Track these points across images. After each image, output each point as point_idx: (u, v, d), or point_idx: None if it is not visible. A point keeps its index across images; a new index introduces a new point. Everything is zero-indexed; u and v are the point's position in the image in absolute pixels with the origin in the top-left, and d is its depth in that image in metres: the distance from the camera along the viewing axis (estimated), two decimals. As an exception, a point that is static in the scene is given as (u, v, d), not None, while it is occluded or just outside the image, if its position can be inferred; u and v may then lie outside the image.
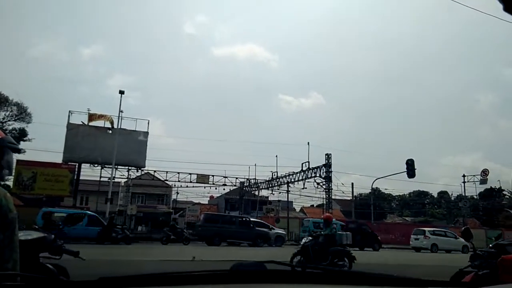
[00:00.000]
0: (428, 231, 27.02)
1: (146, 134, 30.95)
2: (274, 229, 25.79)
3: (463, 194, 41.67)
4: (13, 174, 26.07)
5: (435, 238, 26.46)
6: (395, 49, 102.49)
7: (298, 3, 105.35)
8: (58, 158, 29.27)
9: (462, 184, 40.03)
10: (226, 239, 23.21)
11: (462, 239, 22.39)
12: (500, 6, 0.87)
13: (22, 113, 36.58)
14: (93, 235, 21.59)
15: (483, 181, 38.93)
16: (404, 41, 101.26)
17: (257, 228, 24.50)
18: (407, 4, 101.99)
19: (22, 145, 36.64)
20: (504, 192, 54.30)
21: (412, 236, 27.41)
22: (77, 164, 29.22)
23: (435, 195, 71.25)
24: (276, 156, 38.26)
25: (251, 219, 26.69)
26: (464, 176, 40.06)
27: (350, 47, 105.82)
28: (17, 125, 36.83)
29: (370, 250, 24.51)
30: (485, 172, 38.55)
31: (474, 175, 39.55)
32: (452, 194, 61.45)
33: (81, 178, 30.22)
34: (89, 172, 35.31)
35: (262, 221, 26.30)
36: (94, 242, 21.02)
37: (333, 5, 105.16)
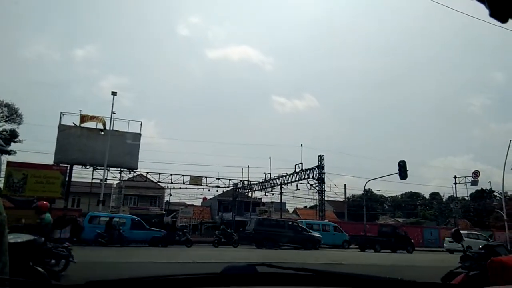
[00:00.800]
0: (462, 234, 27.61)
1: (138, 135, 30.80)
2: (310, 232, 26.52)
3: (455, 196, 42.06)
4: (2, 175, 25.88)
5: (468, 240, 27.08)
6: (388, 53, 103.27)
7: (293, 6, 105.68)
8: (50, 160, 29.07)
9: (454, 186, 40.42)
10: (277, 242, 24.21)
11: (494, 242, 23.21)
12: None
13: (13, 114, 36.18)
14: (140, 238, 22.96)
15: (474, 183, 39.28)
16: (396, 44, 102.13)
17: (304, 232, 25.64)
18: (400, 9, 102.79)
19: (13, 146, 36.28)
20: (495, 194, 54.81)
21: (446, 239, 28.35)
22: (68, 165, 28.98)
23: (427, 197, 71.82)
24: (270, 157, 38.37)
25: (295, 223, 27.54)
26: (455, 177, 40.45)
27: (344, 50, 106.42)
28: (8, 126, 36.43)
29: (404, 252, 25.37)
30: (476, 174, 38.89)
31: (465, 177, 39.93)
32: (443, 196, 62.06)
33: (72, 179, 29.98)
34: (81, 174, 35.13)
35: (302, 225, 27.03)
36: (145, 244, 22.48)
37: (328, 9, 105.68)
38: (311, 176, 33.57)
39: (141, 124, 31.30)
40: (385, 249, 26.09)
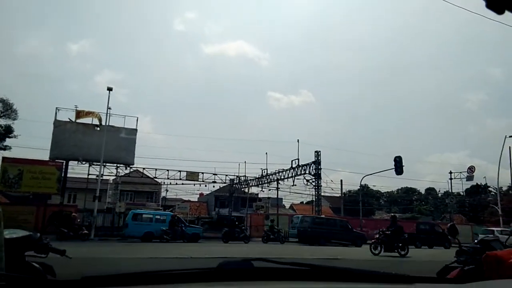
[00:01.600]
0: (496, 230, 28.15)
1: (134, 131, 30.66)
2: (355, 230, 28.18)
3: (450, 191, 42.30)
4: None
5: (501, 237, 27.47)
6: (385, 49, 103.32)
7: (289, 1, 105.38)
8: (45, 155, 28.90)
9: (449, 181, 40.62)
10: (330, 240, 25.53)
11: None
12: (484, 3, 0.87)
13: (7, 110, 35.92)
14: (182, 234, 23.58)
15: (470, 178, 39.52)
16: (393, 41, 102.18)
17: (353, 230, 27.25)
18: (396, 5, 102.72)
19: (8, 142, 36.11)
20: (490, 189, 55.16)
21: (480, 235, 28.88)
22: (64, 161, 28.85)
23: (423, 192, 72.19)
24: (266, 153, 38.43)
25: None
26: (451, 173, 40.66)
27: (341, 46, 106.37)
28: (3, 121, 36.15)
29: (442, 248, 26.18)
30: (471, 169, 39.11)
31: (460, 172, 40.16)
32: (439, 191, 62.34)
33: (68, 175, 29.85)
34: (76, 170, 34.96)
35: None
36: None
37: (325, 4, 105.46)
38: (307, 172, 33.61)
39: (137, 120, 31.06)
40: (424, 245, 27.46)
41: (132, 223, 23.69)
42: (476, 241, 4.39)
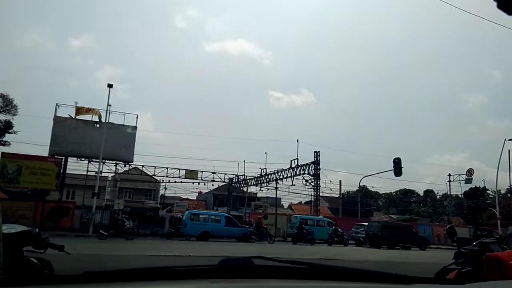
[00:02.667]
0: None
1: (134, 128, 30.65)
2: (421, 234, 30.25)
3: (449, 193, 42.32)
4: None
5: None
6: (385, 50, 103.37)
7: (292, 1, 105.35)
8: (44, 151, 28.89)
9: (448, 183, 40.65)
10: (398, 243, 27.10)
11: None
12: (493, 6, 0.87)
13: (7, 105, 35.86)
14: (234, 234, 25.28)
15: (468, 181, 39.53)
16: (394, 42, 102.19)
17: (418, 234, 28.91)
18: (398, 5, 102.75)
19: (7, 137, 36.04)
20: (488, 192, 55.26)
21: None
22: (63, 157, 28.84)
23: (421, 194, 72.28)
24: (266, 152, 38.44)
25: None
26: (449, 175, 40.68)
27: (342, 46, 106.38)
28: (2, 117, 36.08)
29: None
30: (470, 172, 39.14)
31: (459, 175, 40.19)
32: (437, 193, 62.50)
33: (67, 172, 29.84)
34: (75, 166, 34.93)
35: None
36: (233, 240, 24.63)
37: (327, 4, 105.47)
38: (306, 172, 33.67)
39: (137, 117, 31.05)
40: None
41: (190, 223, 24.89)
42: (474, 243, 4.40)
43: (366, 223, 30.73)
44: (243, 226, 26.72)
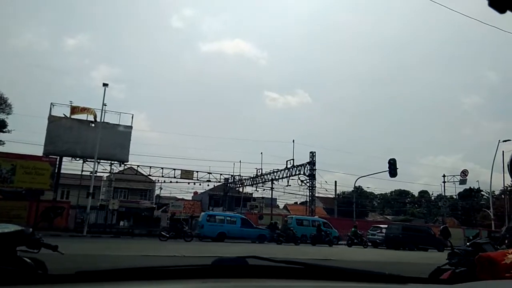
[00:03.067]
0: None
1: (129, 128, 30.55)
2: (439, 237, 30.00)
3: (443, 194, 42.56)
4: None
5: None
6: (381, 51, 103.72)
7: (288, 1, 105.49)
8: (39, 151, 28.73)
9: (442, 184, 40.88)
10: (419, 245, 27.68)
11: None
12: (484, 5, 0.88)
13: (2, 104, 35.61)
14: (250, 235, 25.70)
15: (463, 182, 39.77)
16: (390, 42, 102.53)
17: (436, 236, 28.97)
18: (395, 6, 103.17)
19: (1, 136, 35.80)
20: (483, 193, 55.60)
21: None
22: (58, 157, 28.68)
23: (416, 194, 72.59)
24: (261, 153, 38.38)
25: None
26: (444, 176, 40.90)
27: (338, 47, 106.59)
28: (-4, 116, 35.85)
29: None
30: (464, 173, 39.37)
31: (454, 176, 40.41)
32: (432, 194, 62.72)
33: (62, 171, 29.68)
34: (70, 166, 34.69)
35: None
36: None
37: (323, 5, 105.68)
38: (302, 172, 33.71)
39: (132, 117, 30.96)
40: None
41: (207, 224, 25.31)
42: (468, 243, 4.43)
43: (382, 226, 31.47)
44: (259, 227, 27.21)
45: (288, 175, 34.55)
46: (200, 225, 25.80)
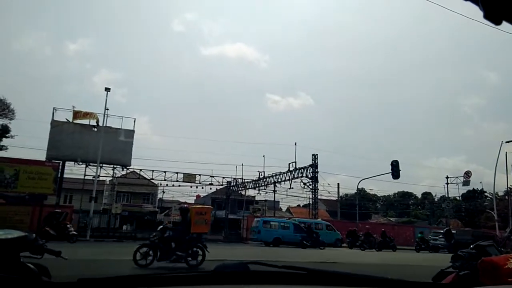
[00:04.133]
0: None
1: (132, 132, 30.59)
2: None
3: (446, 196, 42.33)
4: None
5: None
6: (382, 53, 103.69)
7: (289, 5, 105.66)
8: (42, 156, 28.79)
9: (446, 186, 40.67)
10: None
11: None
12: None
13: (4, 109, 35.72)
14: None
15: (466, 183, 39.56)
16: (391, 45, 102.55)
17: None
18: (395, 9, 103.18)
19: (4, 142, 35.88)
20: (486, 194, 55.34)
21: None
22: (61, 162, 28.73)
23: (419, 196, 72.27)
24: (264, 156, 38.30)
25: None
26: (447, 177, 40.71)
27: (339, 49, 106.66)
28: (0, 121, 35.97)
29: None
30: (468, 174, 39.17)
31: (457, 177, 40.21)
32: (435, 195, 62.48)
33: (65, 176, 29.73)
34: (73, 170, 34.80)
35: None
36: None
37: (324, 8, 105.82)
38: (304, 175, 33.59)
39: (134, 121, 31.09)
40: None
41: (263, 229, 26.58)
42: (471, 246, 4.39)
43: (442, 231, 31.45)
44: (310, 232, 27.57)
45: (290, 177, 34.45)
46: (256, 230, 27.08)
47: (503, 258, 2.48)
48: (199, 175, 35.31)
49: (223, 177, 37.30)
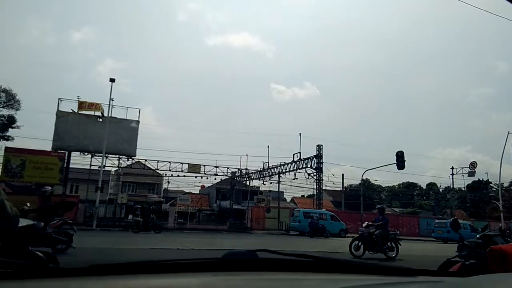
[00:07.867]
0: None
1: (137, 122, 30.71)
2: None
3: (451, 186, 42.22)
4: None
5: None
6: (389, 44, 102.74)
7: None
8: (48, 146, 29.02)
9: (451, 176, 40.55)
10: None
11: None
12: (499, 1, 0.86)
13: (10, 100, 35.98)
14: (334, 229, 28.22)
15: (471, 174, 39.42)
16: (398, 35, 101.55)
17: None
18: (406, 2, 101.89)
19: (10, 132, 36.20)
20: (492, 185, 55.19)
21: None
22: (66, 152, 28.94)
23: (424, 187, 72.26)
24: (268, 146, 38.35)
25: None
26: (452, 168, 40.57)
27: (346, 40, 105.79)
28: (6, 112, 36.24)
29: None
30: (473, 165, 39.02)
31: (462, 168, 40.08)
32: (440, 186, 62.44)
33: (71, 166, 29.96)
34: (79, 160, 35.01)
35: None
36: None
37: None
38: (309, 166, 33.64)
39: (139, 111, 31.11)
40: None
41: (304, 220, 28.09)
42: (478, 236, 4.40)
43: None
44: (341, 222, 29.96)
45: (295, 168, 34.50)
46: (297, 220, 28.94)
47: (511, 246, 2.49)
48: (204, 165, 35.48)
49: (228, 168, 37.47)
